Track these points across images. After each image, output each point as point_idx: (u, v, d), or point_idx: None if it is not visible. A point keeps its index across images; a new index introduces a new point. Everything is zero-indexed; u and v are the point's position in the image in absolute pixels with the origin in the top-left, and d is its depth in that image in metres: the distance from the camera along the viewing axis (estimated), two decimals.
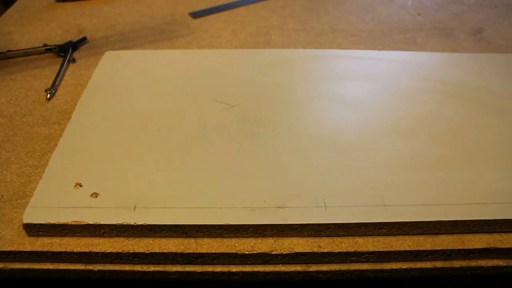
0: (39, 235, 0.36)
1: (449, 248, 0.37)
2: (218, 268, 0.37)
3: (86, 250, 0.35)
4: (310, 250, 0.36)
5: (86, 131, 0.45)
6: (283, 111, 0.48)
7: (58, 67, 0.58)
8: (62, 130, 0.45)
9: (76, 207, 0.36)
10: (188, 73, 0.54)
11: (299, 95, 0.51)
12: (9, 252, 0.35)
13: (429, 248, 0.36)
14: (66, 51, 0.61)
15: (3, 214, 0.38)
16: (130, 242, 0.36)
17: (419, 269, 0.37)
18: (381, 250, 0.36)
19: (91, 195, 0.38)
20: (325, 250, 0.36)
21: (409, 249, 0.36)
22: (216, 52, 0.60)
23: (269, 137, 0.45)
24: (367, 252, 0.36)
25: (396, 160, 0.42)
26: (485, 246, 0.37)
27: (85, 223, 0.35)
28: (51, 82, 0.55)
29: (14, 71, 0.58)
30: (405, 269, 0.37)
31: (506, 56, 0.60)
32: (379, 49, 0.62)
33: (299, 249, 0.36)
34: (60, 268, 0.36)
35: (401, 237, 0.37)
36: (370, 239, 0.37)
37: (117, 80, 0.53)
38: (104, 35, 0.67)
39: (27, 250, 0.35)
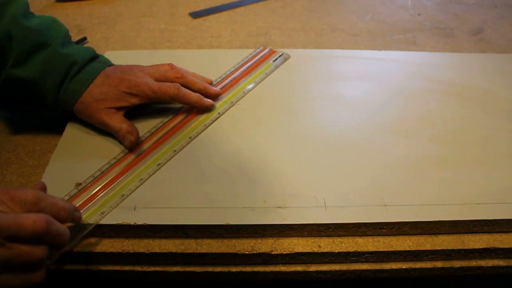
0: None
1: (449, 248, 0.37)
2: (218, 268, 0.37)
3: (86, 250, 0.35)
4: (310, 250, 0.36)
5: (86, 131, 0.45)
6: (282, 111, 0.48)
7: None
8: (62, 130, 0.45)
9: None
10: None
11: (298, 95, 0.51)
12: None
13: (429, 248, 0.36)
14: None
15: None
16: (130, 242, 0.36)
17: (419, 269, 0.37)
18: (381, 250, 0.36)
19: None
20: (325, 250, 0.36)
21: (409, 249, 0.36)
22: (216, 52, 0.60)
23: (269, 137, 0.45)
24: (367, 252, 0.36)
25: (396, 160, 0.42)
26: (485, 246, 0.37)
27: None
28: None
29: None
30: (405, 269, 0.37)
31: (506, 56, 0.60)
32: (379, 49, 0.62)
33: (299, 249, 0.36)
34: (61, 268, 0.36)
35: (401, 237, 0.37)
36: (370, 239, 0.37)
37: None
38: (104, 35, 0.67)
39: None
